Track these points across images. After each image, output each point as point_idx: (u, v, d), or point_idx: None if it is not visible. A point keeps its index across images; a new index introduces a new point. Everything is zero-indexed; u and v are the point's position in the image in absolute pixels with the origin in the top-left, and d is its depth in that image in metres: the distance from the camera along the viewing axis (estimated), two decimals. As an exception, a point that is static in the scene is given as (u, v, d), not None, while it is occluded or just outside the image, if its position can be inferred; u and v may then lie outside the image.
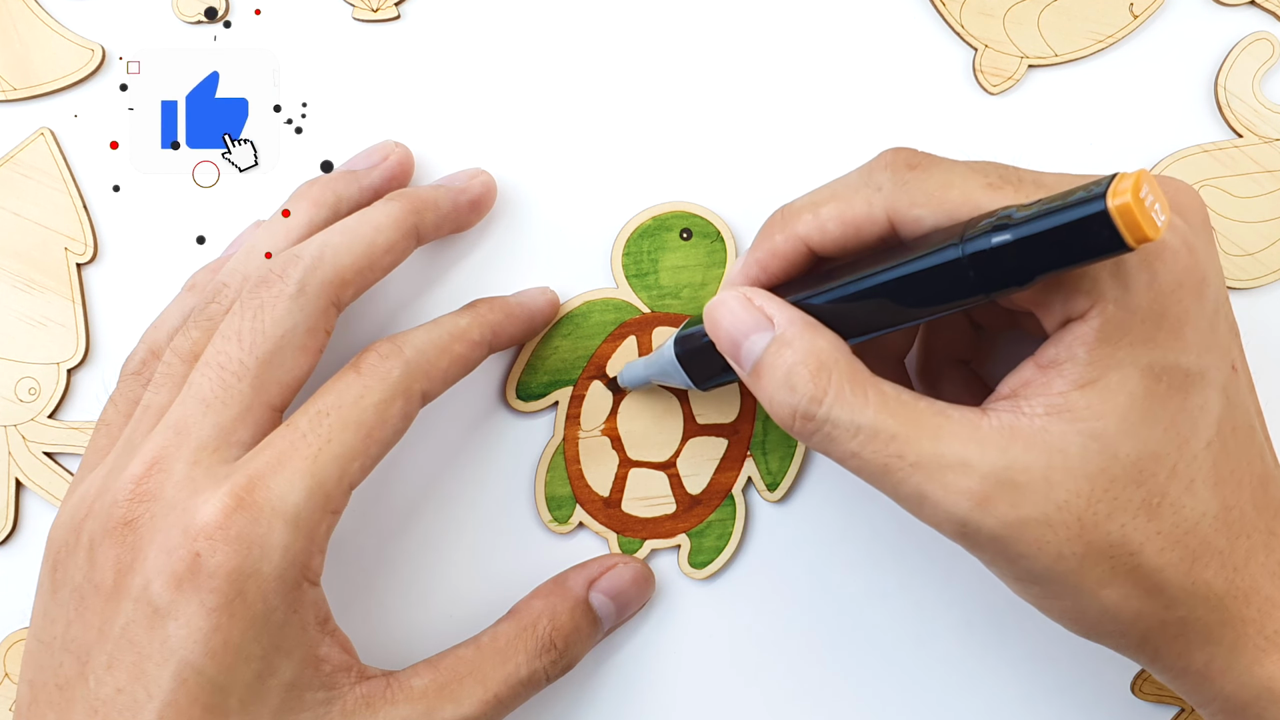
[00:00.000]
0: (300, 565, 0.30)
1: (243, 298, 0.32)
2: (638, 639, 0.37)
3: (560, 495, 0.37)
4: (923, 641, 0.37)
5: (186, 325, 0.33)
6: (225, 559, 0.28)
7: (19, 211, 0.38)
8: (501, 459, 0.37)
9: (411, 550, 0.37)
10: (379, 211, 0.34)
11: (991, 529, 0.27)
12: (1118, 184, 0.24)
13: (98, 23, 0.38)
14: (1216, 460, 0.28)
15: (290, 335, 0.31)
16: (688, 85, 0.38)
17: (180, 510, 0.29)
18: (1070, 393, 0.27)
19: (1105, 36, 0.38)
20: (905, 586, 0.37)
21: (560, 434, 0.37)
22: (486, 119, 0.38)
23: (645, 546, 0.37)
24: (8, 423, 0.37)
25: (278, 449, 0.30)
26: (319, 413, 0.31)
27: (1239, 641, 0.29)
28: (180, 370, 0.32)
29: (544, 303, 0.36)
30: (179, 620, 0.28)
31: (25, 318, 0.38)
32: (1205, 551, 0.28)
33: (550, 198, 0.38)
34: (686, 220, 0.37)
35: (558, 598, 0.35)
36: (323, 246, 0.32)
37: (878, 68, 0.38)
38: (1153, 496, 0.27)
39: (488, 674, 0.33)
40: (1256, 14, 0.38)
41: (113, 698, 0.28)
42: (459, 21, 0.38)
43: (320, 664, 0.30)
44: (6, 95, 0.38)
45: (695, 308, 0.37)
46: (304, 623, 0.30)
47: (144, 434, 0.31)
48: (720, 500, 0.37)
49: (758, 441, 0.37)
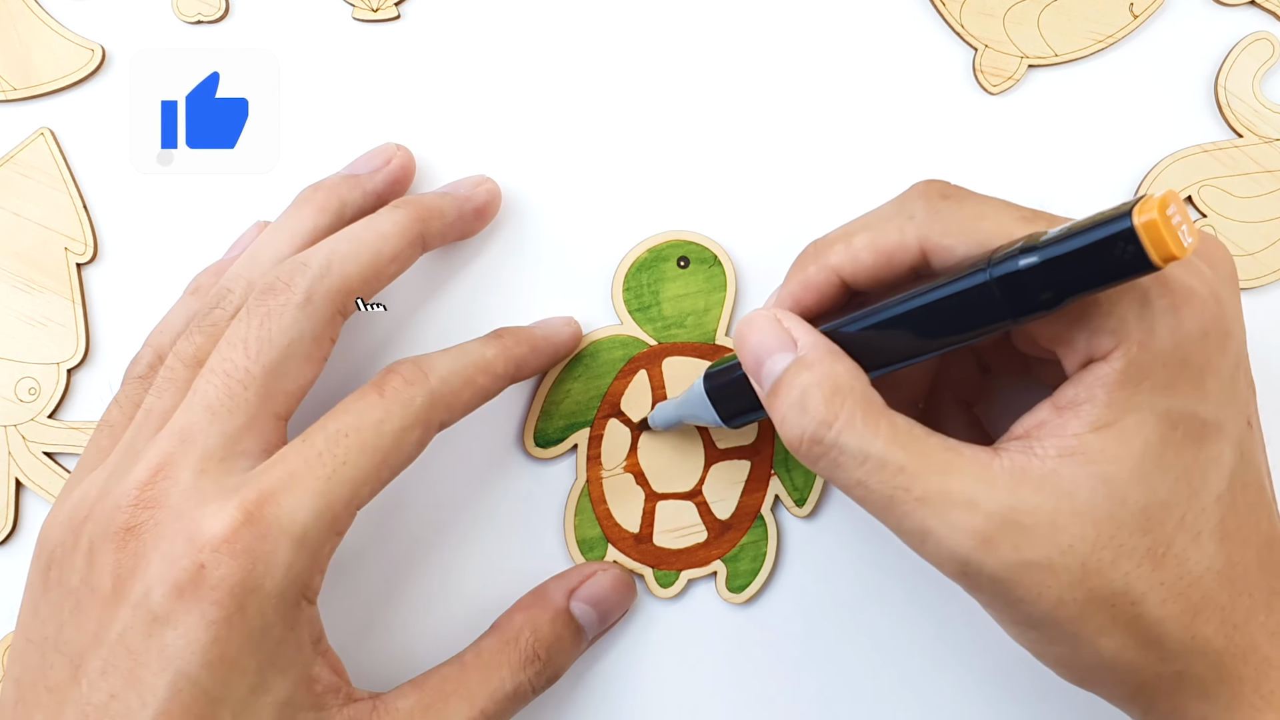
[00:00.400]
0: (302, 584, 0.30)
1: (249, 305, 0.31)
2: (685, 662, 0.37)
3: (591, 537, 0.37)
4: (924, 643, 0.37)
5: (190, 330, 0.33)
6: (230, 572, 0.28)
7: (19, 211, 0.38)
8: (525, 506, 0.37)
9: (436, 607, 0.37)
10: (385, 220, 0.33)
11: (993, 570, 0.27)
12: (1144, 203, 0.24)
13: (98, 23, 0.38)
14: (1225, 514, 0.28)
15: (297, 344, 0.31)
16: (677, 106, 0.38)
17: (186, 520, 0.29)
18: (1085, 435, 0.27)
19: (1105, 36, 0.38)
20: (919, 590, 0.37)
21: (583, 476, 0.37)
22: (486, 120, 0.38)
23: (682, 578, 0.37)
24: (8, 423, 0.37)
25: (291, 466, 0.30)
26: (338, 432, 0.30)
27: (1234, 699, 0.28)
28: (183, 375, 0.32)
29: (567, 335, 0.36)
30: (178, 630, 0.28)
31: (25, 318, 0.38)
32: (1207, 606, 0.28)
33: (551, 204, 0.38)
34: (682, 249, 0.37)
35: (539, 609, 0.35)
36: (330, 255, 0.32)
37: (878, 68, 0.38)
38: (1158, 546, 0.27)
39: (473, 691, 0.32)
40: (1256, 14, 0.38)
41: (106, 704, 0.28)
42: (459, 22, 0.38)
43: (312, 684, 0.30)
44: (6, 95, 0.38)
45: (700, 335, 0.37)
46: (300, 641, 0.30)
47: (147, 439, 0.31)
48: (750, 522, 0.37)
49: (780, 459, 0.37)
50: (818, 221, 0.37)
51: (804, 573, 0.37)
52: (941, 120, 0.38)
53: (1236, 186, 0.37)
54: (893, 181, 0.37)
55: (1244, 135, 0.37)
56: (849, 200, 0.38)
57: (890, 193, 0.37)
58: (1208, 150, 0.37)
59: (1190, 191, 0.37)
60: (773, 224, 0.38)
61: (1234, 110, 0.37)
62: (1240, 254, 0.37)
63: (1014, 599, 0.27)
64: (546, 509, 0.37)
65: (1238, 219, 0.37)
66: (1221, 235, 0.37)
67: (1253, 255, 0.37)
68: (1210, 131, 0.38)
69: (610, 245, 0.37)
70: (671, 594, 0.37)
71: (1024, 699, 0.37)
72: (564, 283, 0.37)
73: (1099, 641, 0.28)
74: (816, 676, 0.37)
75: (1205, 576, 0.28)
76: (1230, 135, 0.38)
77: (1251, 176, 0.37)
